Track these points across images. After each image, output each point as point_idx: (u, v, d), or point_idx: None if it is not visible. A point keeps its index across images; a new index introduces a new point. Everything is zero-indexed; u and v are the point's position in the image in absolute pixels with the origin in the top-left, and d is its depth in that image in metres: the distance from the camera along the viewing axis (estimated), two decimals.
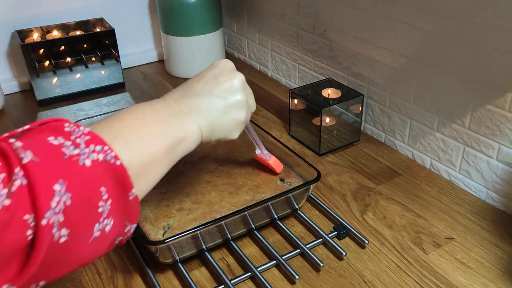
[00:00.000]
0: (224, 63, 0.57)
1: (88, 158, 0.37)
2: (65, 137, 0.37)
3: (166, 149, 0.45)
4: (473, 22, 0.69)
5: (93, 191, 0.37)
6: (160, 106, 0.48)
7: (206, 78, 0.54)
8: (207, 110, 0.51)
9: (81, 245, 0.37)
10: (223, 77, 0.54)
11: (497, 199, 0.74)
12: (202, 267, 0.66)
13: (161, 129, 0.46)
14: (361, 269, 0.64)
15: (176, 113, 0.48)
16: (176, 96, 0.50)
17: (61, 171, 0.35)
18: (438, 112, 0.80)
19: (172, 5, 1.15)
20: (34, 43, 1.08)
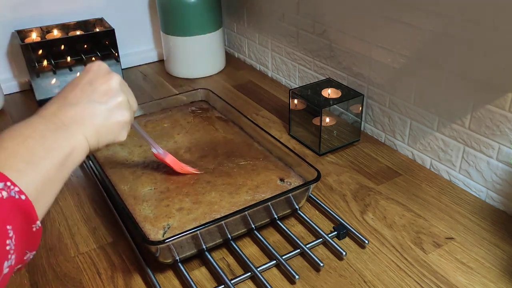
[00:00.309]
0: (97, 66, 0.54)
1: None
2: None
3: (57, 166, 0.44)
4: (473, 22, 0.69)
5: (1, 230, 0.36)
6: (39, 123, 0.46)
7: (81, 85, 0.51)
8: (89, 118, 0.49)
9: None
10: (99, 81, 0.52)
11: (497, 199, 0.74)
12: (202, 267, 0.66)
13: (46, 148, 0.44)
14: (361, 269, 0.64)
15: (58, 127, 0.46)
16: (54, 109, 0.48)
17: None
18: (438, 112, 0.80)
19: (172, 5, 1.15)
20: (34, 43, 1.08)
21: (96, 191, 0.80)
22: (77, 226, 0.73)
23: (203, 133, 0.86)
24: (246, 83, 1.20)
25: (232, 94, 1.14)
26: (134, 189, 0.71)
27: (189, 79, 1.23)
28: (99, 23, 1.20)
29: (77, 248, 0.69)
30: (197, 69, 1.23)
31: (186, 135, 0.85)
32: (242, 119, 0.88)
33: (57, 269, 0.66)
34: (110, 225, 0.73)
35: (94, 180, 0.82)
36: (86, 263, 0.67)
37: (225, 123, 0.89)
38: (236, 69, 1.28)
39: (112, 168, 0.77)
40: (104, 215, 0.75)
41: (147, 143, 0.71)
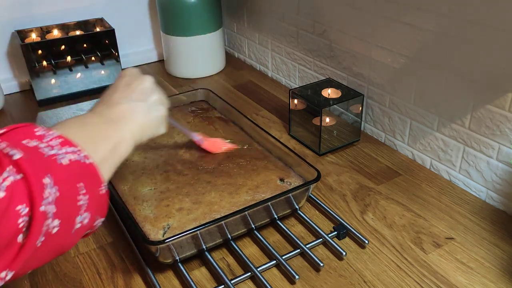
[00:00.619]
0: (130, 70, 0.62)
1: (64, 158, 0.41)
2: (38, 140, 0.41)
3: (109, 152, 0.49)
4: (473, 22, 0.69)
5: (73, 186, 0.41)
6: (92, 117, 0.53)
7: (120, 88, 0.58)
8: (132, 115, 0.55)
9: (66, 235, 0.41)
10: (135, 82, 0.59)
11: (497, 199, 0.74)
12: (202, 267, 0.66)
13: (101, 134, 0.50)
14: (361, 269, 0.64)
15: (108, 122, 0.53)
16: (102, 109, 0.55)
17: (45, 167, 0.39)
18: (438, 112, 0.80)
19: (172, 5, 1.15)
20: (34, 43, 1.08)
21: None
22: None
23: (203, 133, 0.85)
24: (246, 83, 1.20)
25: (232, 94, 1.14)
26: (134, 189, 0.71)
27: (189, 79, 1.23)
28: (99, 23, 1.20)
29: (77, 248, 0.69)
30: (197, 69, 1.23)
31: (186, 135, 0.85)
32: (242, 119, 0.88)
33: (57, 269, 0.66)
34: (110, 225, 0.73)
35: None
36: (86, 263, 0.67)
37: (225, 123, 0.89)
38: (236, 69, 1.28)
39: None
40: None
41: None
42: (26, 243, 0.36)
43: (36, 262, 0.39)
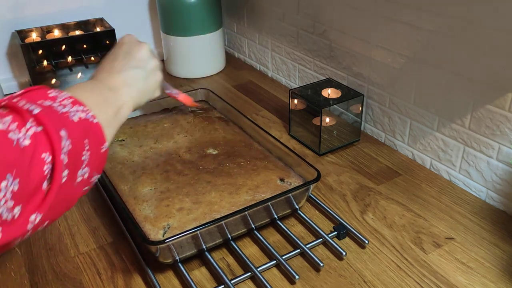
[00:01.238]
0: (129, 38, 0.66)
1: (75, 115, 0.45)
2: (52, 100, 0.45)
3: (114, 113, 0.53)
4: (473, 22, 0.69)
5: (80, 141, 0.44)
6: (96, 84, 0.56)
7: (121, 55, 0.61)
8: (133, 82, 0.59)
9: (71, 187, 0.44)
10: (134, 50, 0.63)
11: (497, 199, 0.74)
12: (202, 267, 0.66)
13: (105, 99, 0.54)
14: (361, 269, 0.64)
15: (110, 88, 0.56)
16: (104, 76, 0.58)
17: (60, 122, 0.42)
18: (438, 112, 0.80)
19: (172, 5, 1.15)
20: (34, 43, 1.08)
21: (96, 191, 0.80)
22: (77, 226, 0.73)
23: (203, 133, 0.86)
24: (246, 83, 1.20)
25: (232, 94, 1.14)
26: (134, 189, 0.71)
27: (189, 79, 1.23)
28: (99, 23, 1.20)
29: (77, 248, 0.69)
30: (197, 69, 1.23)
31: (186, 135, 0.85)
32: (242, 119, 0.88)
33: (57, 269, 0.66)
34: (110, 225, 0.73)
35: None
36: (86, 263, 0.67)
37: (225, 123, 0.89)
38: (236, 69, 1.28)
39: (112, 168, 0.76)
40: (104, 215, 0.75)
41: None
42: (50, 188, 0.40)
43: (53, 212, 0.42)
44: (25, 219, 0.39)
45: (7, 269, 0.66)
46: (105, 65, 0.60)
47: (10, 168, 0.36)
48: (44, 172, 0.39)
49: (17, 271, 0.66)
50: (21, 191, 0.37)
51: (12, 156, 0.37)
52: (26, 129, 0.39)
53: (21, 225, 0.39)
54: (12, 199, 0.37)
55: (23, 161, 0.38)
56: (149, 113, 0.94)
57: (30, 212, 0.39)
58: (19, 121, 0.39)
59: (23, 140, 0.38)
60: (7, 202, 0.37)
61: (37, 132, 0.39)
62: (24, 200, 0.38)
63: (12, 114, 0.40)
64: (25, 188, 0.38)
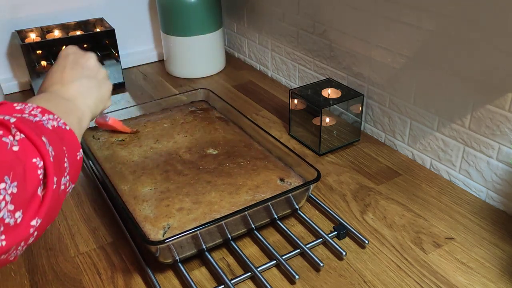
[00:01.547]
0: (71, 49, 0.63)
1: (48, 123, 0.44)
2: (20, 112, 0.44)
3: (76, 123, 0.52)
4: (473, 22, 0.69)
5: (60, 148, 0.44)
6: (52, 95, 0.55)
7: (69, 65, 0.59)
8: (87, 91, 0.58)
9: (58, 194, 0.43)
10: (82, 60, 0.61)
11: (497, 199, 0.74)
12: (202, 267, 0.66)
13: (66, 110, 0.52)
14: (361, 269, 0.64)
15: (67, 99, 0.55)
16: (57, 88, 0.56)
17: (38, 129, 0.42)
18: (438, 112, 0.80)
19: (172, 5, 1.15)
20: (34, 43, 1.08)
21: (96, 191, 0.80)
22: (77, 226, 0.73)
23: (203, 133, 0.86)
24: (246, 83, 1.20)
25: (232, 94, 1.14)
26: (134, 189, 0.71)
27: (189, 79, 1.23)
28: (99, 23, 1.20)
29: (77, 248, 0.69)
30: (197, 69, 1.23)
31: (186, 135, 0.85)
32: (242, 119, 0.88)
33: (57, 269, 0.66)
34: (110, 225, 0.73)
35: (94, 180, 0.82)
36: (86, 263, 0.67)
37: (225, 123, 0.89)
38: (236, 69, 1.28)
39: (112, 168, 0.76)
40: (104, 215, 0.75)
41: None
42: (46, 193, 0.40)
43: (47, 220, 0.42)
44: (27, 223, 0.38)
45: (7, 269, 0.66)
46: (54, 77, 0.58)
47: (7, 170, 0.36)
48: (38, 176, 0.39)
49: (17, 271, 0.66)
50: (20, 195, 0.37)
51: (7, 158, 0.37)
52: (12, 135, 0.38)
53: (24, 229, 0.38)
54: (12, 203, 0.36)
55: (18, 164, 0.37)
56: (149, 113, 0.94)
57: (31, 217, 0.39)
58: (3, 129, 0.39)
59: (12, 146, 0.38)
60: (7, 205, 0.36)
61: (22, 138, 0.39)
62: (24, 205, 0.38)
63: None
64: (23, 192, 0.37)
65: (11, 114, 0.42)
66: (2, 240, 0.36)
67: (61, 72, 0.58)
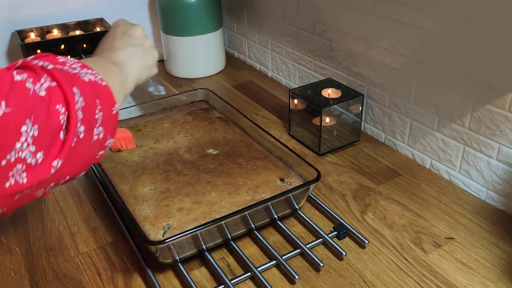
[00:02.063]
0: (122, 20, 0.67)
1: (85, 76, 0.47)
2: (61, 64, 0.47)
3: (120, 83, 0.56)
4: (473, 22, 0.69)
5: (92, 100, 0.46)
6: (101, 58, 0.59)
7: (118, 35, 0.63)
8: (133, 57, 0.62)
9: (88, 144, 0.46)
10: (130, 30, 0.65)
11: (497, 199, 0.74)
12: (202, 267, 0.66)
13: (111, 71, 0.56)
14: (361, 269, 0.64)
15: (114, 63, 0.59)
16: (106, 53, 0.60)
17: (73, 80, 0.45)
18: (438, 112, 0.80)
19: (172, 5, 1.15)
20: (34, 43, 1.08)
21: (96, 191, 0.80)
22: (77, 226, 0.73)
23: (203, 133, 0.86)
24: (246, 83, 1.20)
25: (232, 94, 1.14)
26: (134, 189, 0.71)
27: (189, 79, 1.23)
28: (99, 23, 1.20)
29: (77, 248, 0.69)
30: (197, 69, 1.23)
31: (186, 135, 0.85)
32: (242, 119, 0.88)
33: (57, 269, 0.66)
34: (110, 225, 0.73)
35: (94, 180, 0.82)
36: (86, 263, 0.67)
37: (225, 123, 0.89)
38: (236, 69, 1.28)
39: (112, 168, 0.77)
40: (104, 215, 0.75)
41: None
42: (67, 137, 0.42)
43: (72, 166, 0.45)
44: (48, 163, 0.41)
45: (7, 269, 0.66)
46: (104, 45, 0.62)
47: (28, 114, 0.39)
48: (60, 121, 0.41)
49: (17, 271, 0.66)
50: (41, 137, 0.40)
51: (30, 102, 0.39)
52: (40, 84, 0.41)
53: (45, 169, 0.41)
54: (34, 144, 0.39)
55: (40, 108, 0.40)
56: (149, 113, 0.94)
57: (52, 158, 0.41)
58: (34, 77, 0.41)
59: (39, 91, 0.41)
60: (29, 147, 0.39)
61: (52, 86, 0.42)
62: (45, 146, 0.40)
63: (27, 72, 0.42)
64: (44, 134, 0.40)
65: (53, 64, 0.45)
66: (23, 177, 0.39)
67: (111, 41, 0.62)
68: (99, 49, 0.62)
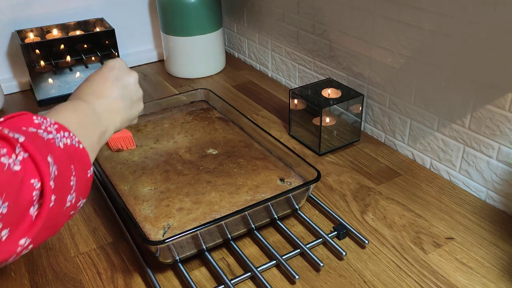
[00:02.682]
0: (119, 63, 0.63)
1: (60, 141, 0.45)
2: (36, 127, 0.44)
3: (97, 138, 0.54)
4: (473, 22, 0.69)
5: (67, 167, 0.45)
6: (83, 105, 0.56)
7: (111, 80, 0.60)
8: (118, 109, 0.59)
9: (59, 211, 0.44)
10: (124, 77, 0.62)
11: (497, 199, 0.74)
12: (202, 267, 0.66)
13: (90, 123, 0.54)
14: (361, 269, 0.64)
15: (96, 112, 0.56)
16: (92, 98, 0.57)
17: (47, 148, 0.43)
18: (438, 112, 0.80)
19: (172, 5, 1.15)
20: (34, 43, 1.08)
21: (96, 191, 0.80)
22: (77, 226, 0.73)
23: (203, 133, 0.86)
24: (246, 83, 1.20)
25: (232, 94, 1.14)
26: (134, 189, 0.71)
27: (189, 79, 1.23)
28: (99, 23, 1.20)
29: (77, 248, 0.69)
30: (197, 69, 1.23)
31: (186, 135, 0.85)
32: (242, 119, 0.88)
33: (57, 269, 0.66)
34: (110, 225, 0.73)
35: (94, 180, 0.82)
36: (86, 263, 0.67)
37: (225, 123, 0.89)
38: (236, 69, 1.28)
39: (112, 168, 0.77)
40: (104, 215, 0.75)
41: None
42: (39, 213, 0.40)
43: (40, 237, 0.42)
44: (14, 242, 0.39)
45: (7, 269, 0.66)
46: (92, 85, 0.59)
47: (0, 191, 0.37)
48: (32, 197, 0.39)
49: (17, 271, 0.66)
50: (9, 214, 0.38)
51: (2, 179, 0.37)
52: (15, 155, 0.39)
53: (10, 248, 0.39)
54: (0, 222, 0.37)
55: (13, 185, 0.38)
56: (149, 113, 0.94)
57: (19, 236, 0.39)
58: (7, 147, 0.39)
59: (13, 165, 0.38)
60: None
61: (25, 158, 0.40)
62: (12, 224, 0.38)
63: (1, 141, 0.40)
64: (13, 212, 0.38)
65: (27, 127, 0.43)
66: None
67: (101, 84, 0.59)
68: (85, 88, 0.58)
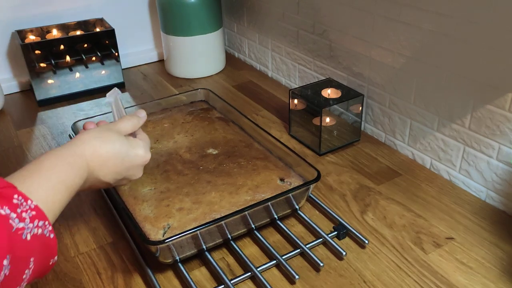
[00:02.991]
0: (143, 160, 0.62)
1: (30, 233, 0.43)
2: (12, 209, 0.42)
3: (69, 198, 0.52)
4: (473, 22, 0.69)
5: (25, 261, 0.42)
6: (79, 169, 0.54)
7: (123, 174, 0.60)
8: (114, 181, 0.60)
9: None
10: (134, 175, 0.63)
11: (497, 199, 0.74)
12: (202, 267, 0.66)
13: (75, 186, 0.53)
14: (361, 269, 0.64)
15: (85, 182, 0.55)
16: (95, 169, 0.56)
17: (9, 245, 0.40)
18: (438, 112, 0.80)
19: (172, 5, 1.15)
20: (34, 43, 1.08)
21: (96, 191, 0.80)
22: (77, 226, 0.73)
23: (203, 133, 0.86)
24: (246, 83, 1.20)
25: (232, 94, 1.14)
26: (134, 189, 0.71)
27: (189, 79, 1.23)
28: (99, 23, 1.20)
29: (77, 248, 0.69)
30: (197, 69, 1.23)
31: (186, 135, 0.85)
32: (242, 119, 0.88)
33: (57, 269, 0.66)
34: (110, 225, 0.73)
35: None
36: (86, 263, 0.67)
37: (225, 123, 0.89)
38: (236, 69, 1.28)
39: None
40: (104, 215, 0.75)
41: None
42: None
43: None
44: None
45: None
46: (104, 160, 0.57)
47: None
48: None
49: None
50: None
51: None
52: None
53: None
54: None
55: None
56: (149, 113, 0.94)
57: None
58: None
59: None
60: None
61: None
62: None
63: None
64: None
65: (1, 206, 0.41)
66: None
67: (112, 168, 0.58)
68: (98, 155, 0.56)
